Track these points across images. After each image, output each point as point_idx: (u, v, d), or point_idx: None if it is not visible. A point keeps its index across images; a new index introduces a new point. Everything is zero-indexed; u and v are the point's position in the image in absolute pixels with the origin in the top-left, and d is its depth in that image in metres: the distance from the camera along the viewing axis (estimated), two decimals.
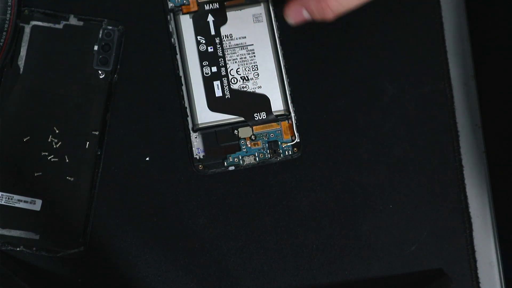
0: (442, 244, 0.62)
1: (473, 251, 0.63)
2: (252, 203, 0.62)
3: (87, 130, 0.61)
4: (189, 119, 0.62)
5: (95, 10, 0.62)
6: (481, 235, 0.63)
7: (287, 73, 0.62)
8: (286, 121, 0.62)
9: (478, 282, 0.63)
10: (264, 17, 0.63)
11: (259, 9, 0.63)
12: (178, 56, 0.62)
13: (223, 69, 0.62)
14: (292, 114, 0.62)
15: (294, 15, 0.57)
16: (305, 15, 0.57)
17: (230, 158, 0.62)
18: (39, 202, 0.60)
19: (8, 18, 0.60)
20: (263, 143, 0.62)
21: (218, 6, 0.62)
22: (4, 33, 0.60)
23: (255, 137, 0.62)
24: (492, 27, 0.69)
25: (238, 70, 0.62)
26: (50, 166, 0.60)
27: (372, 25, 0.63)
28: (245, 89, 0.62)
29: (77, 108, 0.61)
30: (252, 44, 0.62)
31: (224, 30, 0.62)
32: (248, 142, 0.62)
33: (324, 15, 0.56)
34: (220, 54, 0.62)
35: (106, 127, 0.61)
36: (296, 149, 0.62)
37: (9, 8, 0.60)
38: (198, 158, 0.61)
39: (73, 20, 0.62)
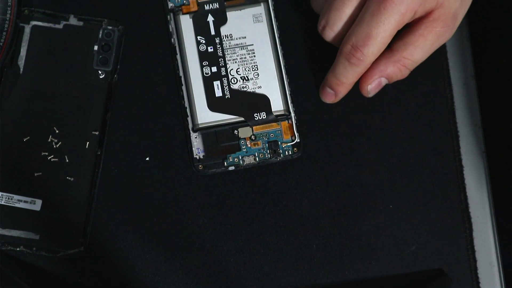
0: (442, 244, 0.62)
1: (473, 251, 0.63)
2: (252, 203, 0.62)
3: (87, 130, 0.61)
4: (189, 119, 0.62)
5: (95, 10, 0.62)
6: (481, 235, 0.63)
7: (287, 73, 0.62)
8: (286, 121, 0.62)
9: (478, 282, 0.63)
10: (264, 17, 0.63)
11: (259, 9, 0.63)
12: (178, 56, 0.62)
13: (223, 69, 0.62)
14: (292, 114, 0.62)
15: (375, 88, 0.60)
16: (384, 82, 0.60)
17: (230, 158, 0.62)
18: (39, 202, 0.60)
19: (8, 18, 0.60)
20: (263, 143, 0.62)
21: (218, 6, 0.62)
22: (4, 33, 0.60)
23: (255, 137, 0.62)
24: (492, 27, 0.69)
25: (238, 70, 0.62)
26: (50, 166, 0.60)
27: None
28: (245, 89, 0.62)
29: (77, 108, 0.61)
30: (252, 44, 0.62)
31: (224, 30, 0.62)
32: (248, 142, 0.62)
33: (402, 75, 0.59)
34: (220, 54, 0.62)
35: (106, 127, 0.61)
36: (296, 149, 0.62)
37: (9, 8, 0.60)
38: (198, 158, 0.62)
39: (73, 20, 0.62)
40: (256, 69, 0.62)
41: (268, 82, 0.62)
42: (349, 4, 0.57)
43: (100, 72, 0.61)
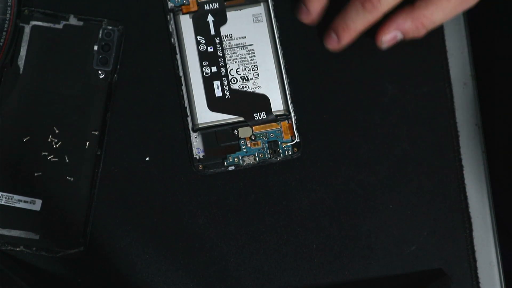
0: (442, 244, 0.62)
1: (473, 251, 0.63)
2: (252, 203, 0.62)
3: (87, 130, 0.61)
4: (189, 119, 0.62)
5: (95, 10, 0.62)
6: (481, 235, 0.63)
7: (287, 73, 0.62)
8: (286, 121, 0.62)
9: (478, 282, 0.63)
10: (264, 17, 0.63)
11: (259, 9, 0.63)
12: (178, 56, 0.62)
13: (223, 69, 0.62)
14: (292, 114, 0.62)
15: (390, 40, 0.60)
16: (399, 37, 0.60)
17: (230, 158, 0.62)
18: (39, 202, 0.60)
19: (8, 18, 0.60)
20: (263, 143, 0.62)
21: (218, 6, 0.62)
22: (4, 33, 0.60)
23: (255, 137, 0.62)
24: (492, 27, 0.69)
25: (238, 70, 0.62)
26: (50, 166, 0.60)
27: (372, 25, 0.63)
28: (245, 89, 0.62)
29: (77, 108, 0.61)
30: (252, 44, 0.62)
31: (224, 30, 0.62)
32: (248, 142, 0.62)
33: (418, 33, 0.59)
34: (220, 54, 0.62)
35: (106, 127, 0.61)
36: (296, 149, 0.62)
37: (9, 8, 0.60)
38: (198, 158, 0.62)
39: (73, 20, 0.62)
40: (256, 69, 0.62)
41: (268, 82, 0.62)
42: None
43: (100, 72, 0.61)
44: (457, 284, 0.62)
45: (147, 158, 0.62)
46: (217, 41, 0.62)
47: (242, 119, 0.62)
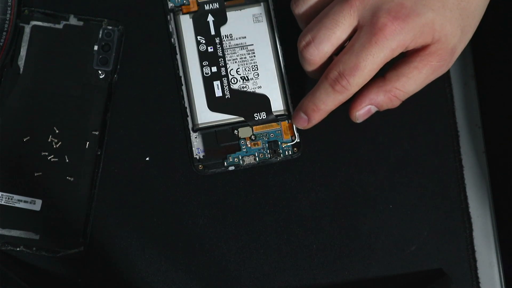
0: (442, 244, 0.62)
1: (473, 251, 0.63)
2: (252, 203, 0.62)
3: (87, 130, 0.61)
4: (189, 119, 0.62)
5: (95, 10, 0.62)
6: (481, 235, 0.63)
7: (287, 73, 0.62)
8: (286, 121, 0.62)
9: (478, 282, 0.63)
10: (264, 17, 0.63)
11: (259, 9, 0.63)
12: (178, 56, 0.62)
13: (223, 69, 0.62)
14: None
15: (364, 114, 0.59)
16: (373, 110, 0.59)
17: (230, 158, 0.62)
18: (39, 202, 0.60)
19: (8, 18, 0.60)
20: (263, 143, 0.62)
21: (218, 6, 0.62)
22: (4, 33, 0.60)
23: (255, 137, 0.62)
24: (492, 27, 0.69)
25: (238, 70, 0.62)
26: (50, 166, 0.60)
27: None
28: (245, 89, 0.62)
29: (77, 108, 0.61)
30: (252, 44, 0.62)
31: (224, 30, 0.62)
32: (248, 142, 0.62)
33: (393, 105, 0.58)
34: (220, 54, 0.62)
35: (106, 127, 0.61)
36: (296, 149, 0.62)
37: (9, 8, 0.60)
38: (198, 158, 0.62)
39: (73, 20, 0.62)
40: (256, 69, 0.62)
41: (268, 82, 0.62)
42: (342, 26, 0.56)
43: (100, 72, 0.61)
44: (457, 284, 0.62)
45: (147, 158, 0.62)
46: (217, 41, 0.62)
47: (242, 119, 0.62)
